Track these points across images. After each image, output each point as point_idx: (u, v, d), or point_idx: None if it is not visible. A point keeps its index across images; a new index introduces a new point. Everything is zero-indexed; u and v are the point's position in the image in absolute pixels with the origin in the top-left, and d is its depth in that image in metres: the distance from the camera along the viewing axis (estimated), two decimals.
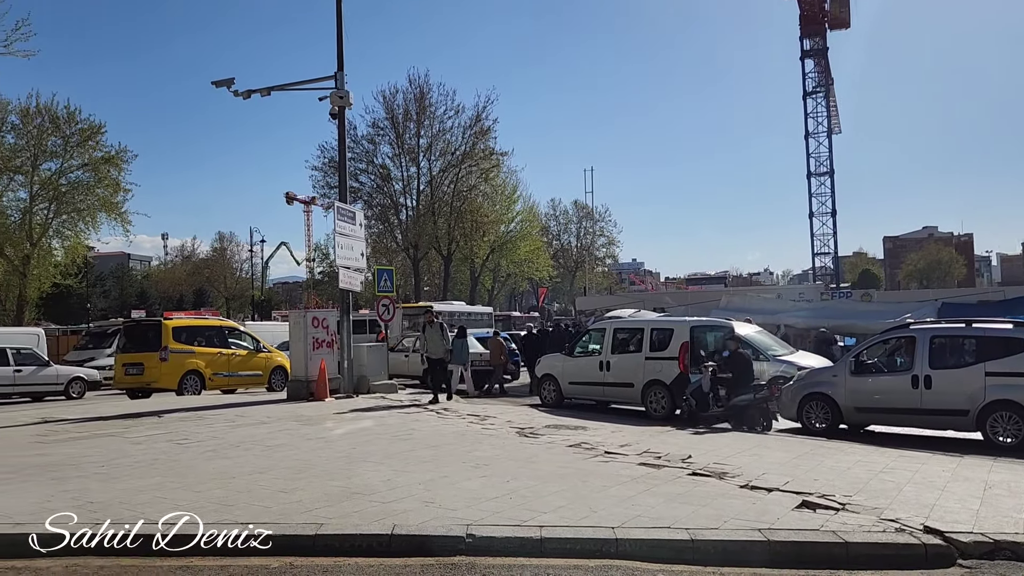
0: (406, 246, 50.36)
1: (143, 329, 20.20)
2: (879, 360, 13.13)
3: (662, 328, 15.24)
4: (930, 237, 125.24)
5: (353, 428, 12.08)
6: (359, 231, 18.34)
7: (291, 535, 5.85)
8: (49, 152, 37.41)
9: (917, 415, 12.10)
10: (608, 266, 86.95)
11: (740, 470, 8.50)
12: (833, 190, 71.00)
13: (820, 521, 6.33)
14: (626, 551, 5.71)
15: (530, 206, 61.11)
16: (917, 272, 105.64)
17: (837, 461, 9.36)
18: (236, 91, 17.98)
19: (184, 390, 18.75)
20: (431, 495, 7.09)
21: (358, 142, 48.36)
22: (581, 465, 8.82)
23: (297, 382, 16.99)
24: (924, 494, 7.43)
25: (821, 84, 71.73)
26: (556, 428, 12.20)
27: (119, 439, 10.93)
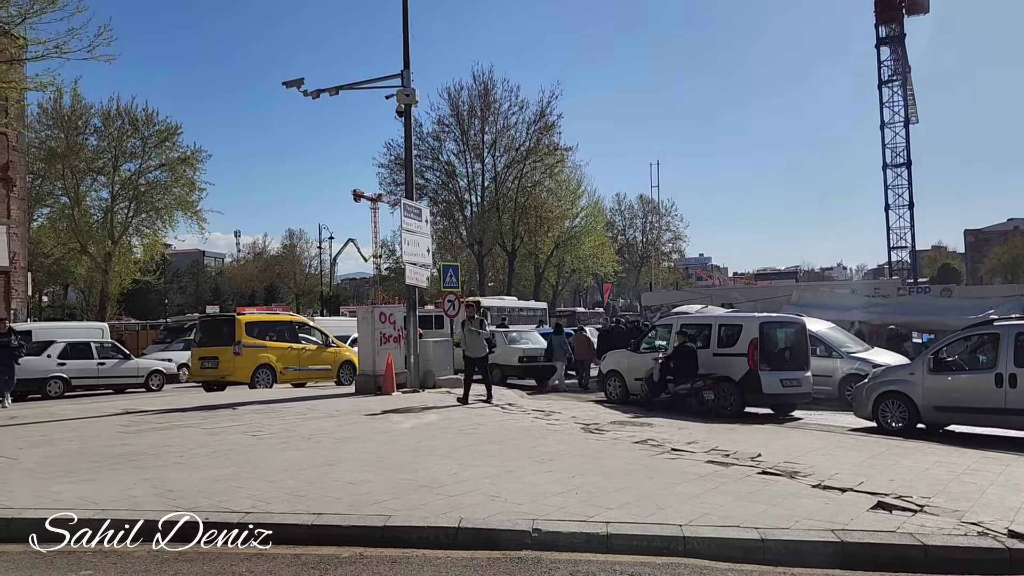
0: (471, 242, 50.71)
1: (217, 324, 20.81)
2: (960, 358, 12.63)
3: (730, 324, 14.97)
4: (1015, 230, 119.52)
5: (419, 422, 12.23)
6: (425, 227, 18.54)
7: (360, 526, 5.96)
8: (129, 153, 38.93)
9: (1001, 415, 11.59)
10: (674, 261, 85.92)
11: (812, 469, 8.30)
12: (910, 181, 68.40)
13: (897, 523, 6.13)
14: (694, 549, 5.64)
15: (595, 201, 60.78)
16: (1001, 266, 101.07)
17: (915, 461, 9.05)
18: (306, 91, 18.36)
19: (256, 383, 19.26)
20: (497, 489, 7.13)
21: (424, 139, 48.92)
22: (647, 462, 8.74)
23: (365, 376, 17.27)
24: (1009, 497, 7.13)
25: (897, 72, 69.15)
26: (621, 424, 12.13)
27: (196, 430, 11.31)
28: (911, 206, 68.80)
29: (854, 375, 15.55)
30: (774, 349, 14.50)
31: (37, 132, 36.57)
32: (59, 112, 37.10)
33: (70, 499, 6.69)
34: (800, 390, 14.37)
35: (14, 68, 19.75)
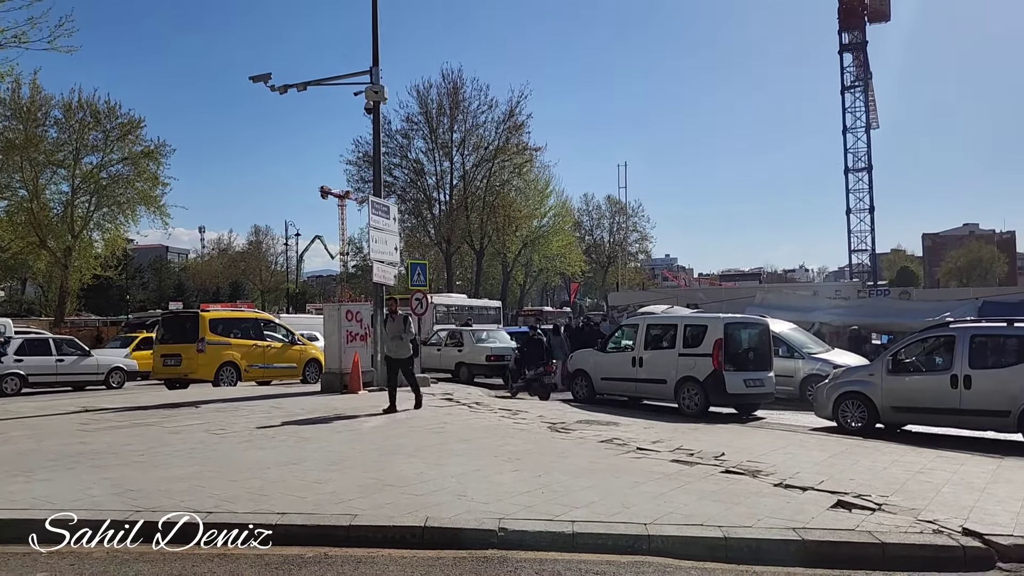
0: (439, 240, 50.59)
1: (181, 321, 20.54)
2: (917, 359, 12.90)
3: (696, 324, 15.13)
4: (971, 234, 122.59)
5: (385, 421, 12.18)
6: (393, 225, 18.44)
7: (325, 526, 5.92)
8: (90, 146, 38.19)
9: (956, 415, 11.88)
10: (641, 262, 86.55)
11: (774, 468, 8.43)
12: (871, 186, 69.82)
13: (856, 521, 6.25)
14: (659, 548, 5.70)
15: (563, 201, 61.08)
16: (957, 270, 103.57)
17: (873, 461, 9.24)
18: (273, 86, 18.16)
19: (220, 381, 19.03)
20: (463, 488, 7.13)
21: (392, 136, 48.68)
22: (613, 461, 8.81)
23: (331, 375, 17.16)
24: (963, 496, 7.31)
25: (859, 78, 70.51)
26: (588, 424, 12.20)
27: (158, 428, 11.15)
28: (872, 210, 70.21)
29: (815, 376, 15.81)
30: (738, 350, 14.68)
31: None
32: (17, 103, 36.21)
33: (25, 499, 6.56)
34: (763, 390, 14.59)
35: None
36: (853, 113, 70.37)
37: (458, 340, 23.27)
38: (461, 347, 22.90)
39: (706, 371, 14.19)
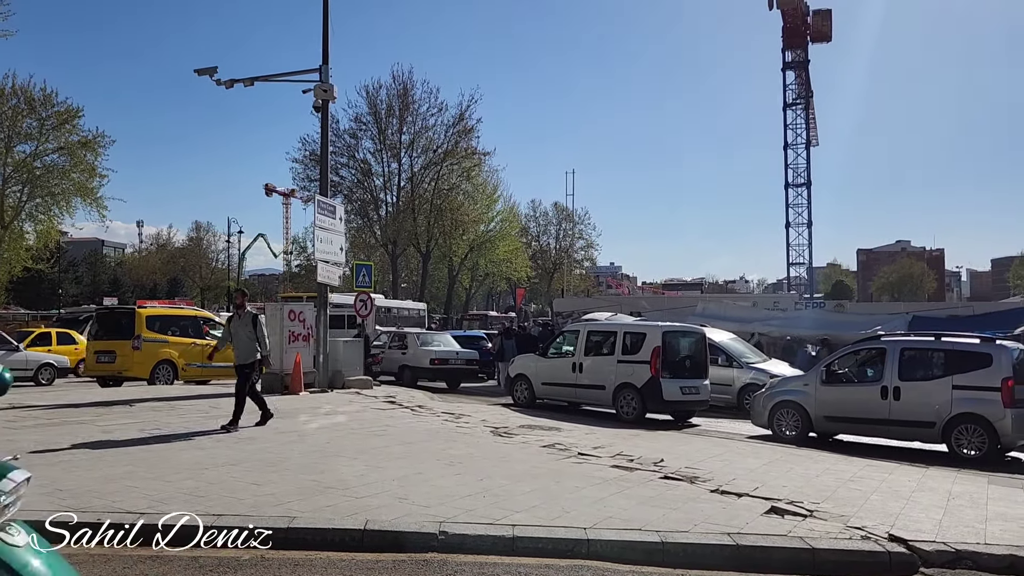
0: (385, 242, 50.24)
1: (116, 317, 19.96)
2: (850, 370, 13.32)
3: (635, 332, 15.35)
4: (903, 251, 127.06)
5: (327, 423, 12.05)
6: (339, 225, 18.27)
7: (263, 528, 5.83)
8: (24, 134, 36.81)
9: (885, 426, 12.30)
10: (586, 269, 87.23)
11: (711, 475, 8.60)
12: (810, 201, 71.80)
13: (788, 527, 6.43)
14: (597, 551, 5.77)
15: (510, 206, 61.22)
16: (889, 285, 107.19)
17: (806, 469, 9.49)
18: (219, 80, 17.83)
19: (156, 379, 18.54)
20: (405, 491, 7.10)
21: (340, 136, 48.26)
22: (554, 466, 8.87)
23: (271, 375, 16.84)
24: (890, 503, 7.57)
25: (801, 96, 72.45)
26: (530, 428, 12.25)
27: (89, 427, 10.82)
28: (810, 224, 72.17)
29: (753, 385, 16.18)
30: (675, 357, 14.94)
31: None
32: None
33: None
34: (698, 397, 14.87)
35: None
36: (794, 130, 72.30)
37: (402, 343, 23.13)
38: (405, 350, 22.76)
39: (644, 378, 14.40)
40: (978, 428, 11.38)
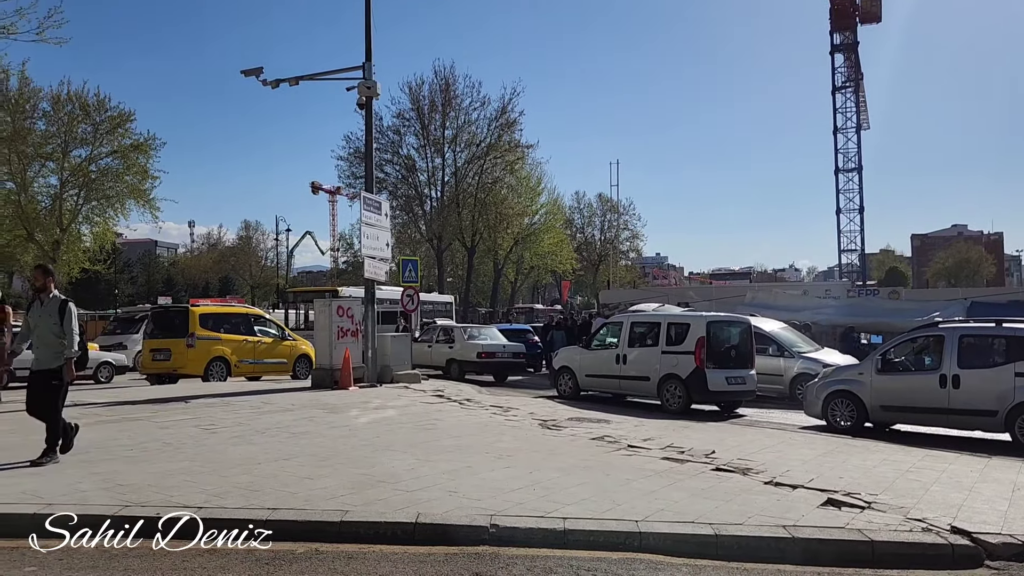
0: (430, 237, 50.48)
1: (171, 316, 20.41)
2: (906, 359, 12.99)
3: (679, 323, 15.20)
4: (959, 235, 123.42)
5: (377, 417, 12.16)
6: (385, 221, 18.41)
7: (316, 521, 5.91)
8: (79, 139, 37.80)
9: (944, 415, 11.96)
10: (631, 260, 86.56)
11: (764, 466, 8.46)
12: (861, 187, 70.18)
13: (846, 519, 6.28)
14: (649, 544, 5.71)
15: (554, 199, 60.94)
16: (945, 271, 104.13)
17: (863, 459, 9.28)
18: (265, 80, 18.09)
19: (210, 376, 18.94)
20: (455, 485, 7.12)
21: (384, 133, 48.52)
22: (604, 458, 8.82)
23: (321, 371, 17.12)
24: (951, 494, 7.36)
25: (850, 79, 70.80)
26: (578, 421, 12.21)
27: (147, 423, 11.09)
28: (861, 210, 70.56)
29: (805, 374, 15.89)
30: (720, 348, 14.78)
31: None
32: (5, 95, 35.83)
33: (13, 493, 6.51)
34: (744, 388, 14.67)
35: None
36: (844, 113, 70.70)
37: (449, 337, 23.26)
38: (452, 344, 22.89)
39: (688, 369, 14.26)
40: None
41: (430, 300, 37.08)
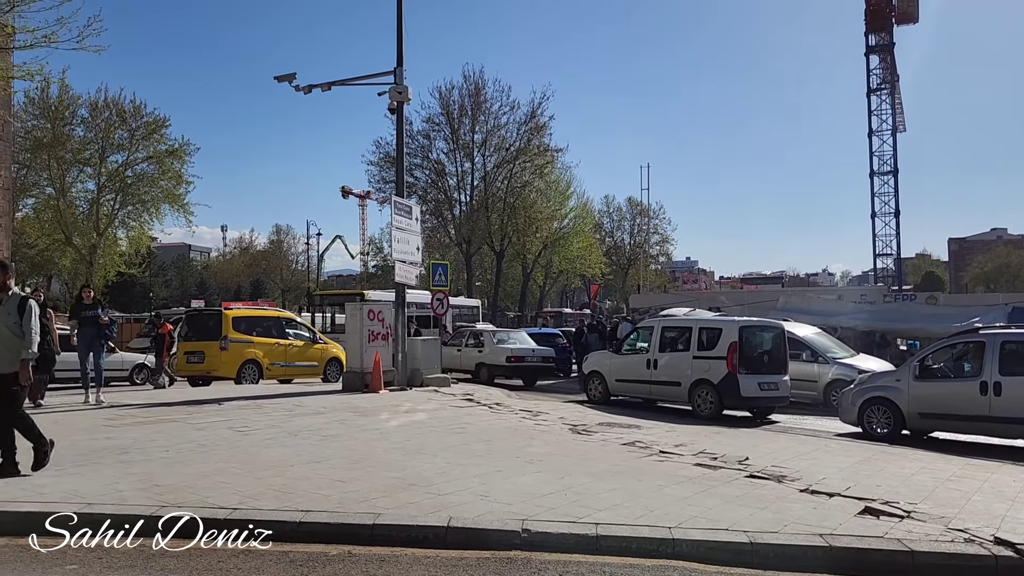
0: (459, 241, 50.62)
1: (204, 318, 20.67)
2: (945, 365, 12.74)
3: (711, 327, 15.07)
4: (999, 239, 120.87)
5: (407, 420, 12.19)
6: (415, 225, 18.49)
7: (349, 524, 5.93)
8: (116, 145, 38.57)
9: (985, 423, 11.70)
10: (661, 264, 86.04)
11: (799, 474, 8.33)
12: (897, 190, 69.00)
13: (884, 528, 6.16)
14: (683, 552, 5.65)
15: (583, 202, 60.80)
16: (984, 275, 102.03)
17: (900, 467, 9.11)
18: (297, 86, 18.25)
19: (243, 379, 19.13)
20: (486, 488, 7.11)
21: (413, 137, 48.77)
22: (636, 463, 8.75)
23: (352, 374, 17.20)
24: (994, 504, 7.19)
25: (886, 81, 69.71)
26: (609, 426, 12.14)
27: (182, 425, 11.22)
28: (897, 214, 69.44)
29: (840, 380, 15.66)
30: (753, 353, 14.62)
31: (23, 122, 36.11)
32: (46, 102, 36.69)
33: (55, 492, 6.61)
34: (777, 394, 14.49)
35: (1, 56, 19.51)
36: (879, 116, 69.63)
37: (478, 341, 23.29)
38: (482, 348, 22.93)
39: (720, 374, 14.13)
40: None
41: (456, 304, 37.13)
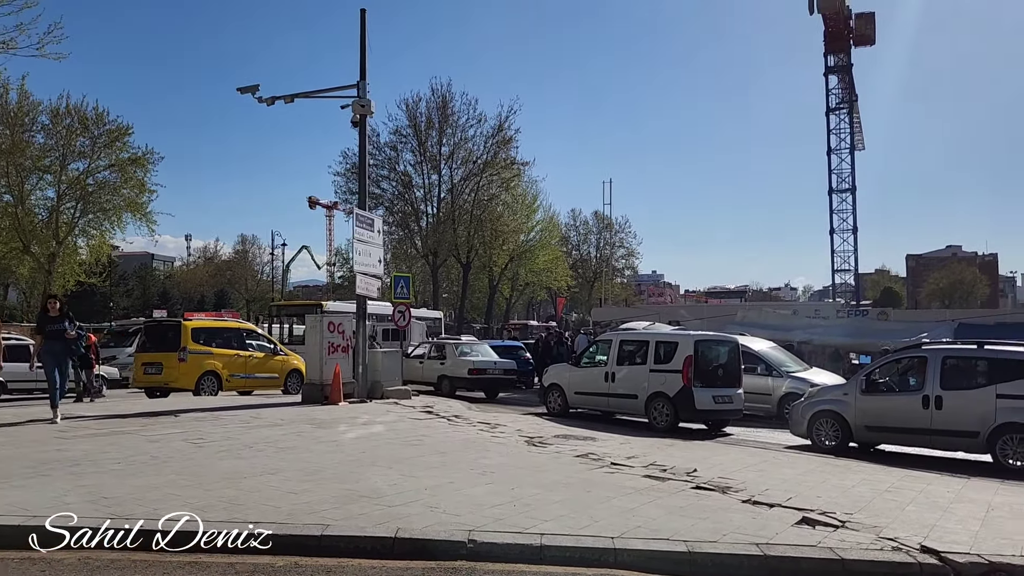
0: (425, 253, 50.64)
1: (163, 329, 20.50)
2: (890, 379, 13.14)
3: (667, 341, 15.36)
4: (954, 256, 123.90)
5: (364, 433, 12.24)
6: (377, 238, 18.55)
7: (297, 535, 6.00)
8: (77, 152, 38.00)
9: (927, 435, 12.10)
10: (627, 278, 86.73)
11: (744, 485, 8.56)
12: (855, 207, 70.45)
13: (818, 537, 6.39)
14: (624, 561, 5.80)
15: (550, 216, 61.24)
16: (939, 291, 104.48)
17: (842, 479, 9.39)
18: (260, 97, 18.26)
19: (201, 391, 18.99)
20: (436, 500, 7.22)
21: (380, 149, 48.84)
22: (587, 475, 8.92)
23: (311, 386, 17.18)
24: (926, 514, 7.47)
25: (844, 100, 71.29)
26: (565, 438, 12.30)
27: (136, 437, 11.15)
28: (855, 230, 70.84)
29: (793, 394, 16.02)
30: (708, 366, 14.92)
31: None
32: (5, 108, 36.06)
33: (0, 505, 6.59)
34: (732, 407, 14.80)
35: None
36: (838, 135, 71.13)
37: (441, 353, 23.36)
38: (444, 360, 22.99)
39: (676, 387, 14.39)
40: None
41: (418, 316, 37.16)
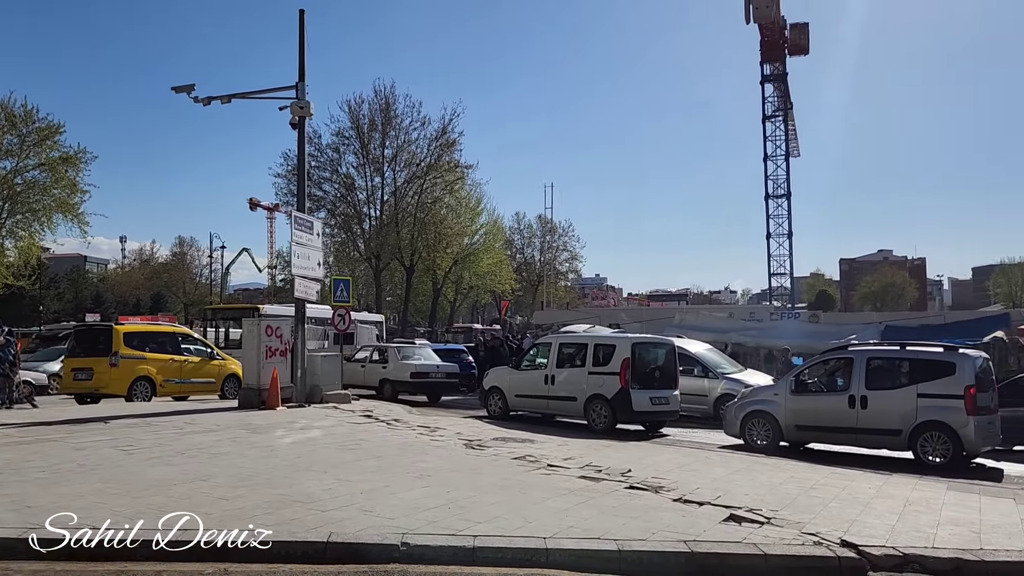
0: (368, 256, 50.27)
1: (94, 334, 19.93)
2: (819, 380, 13.56)
3: (606, 344, 15.57)
4: (884, 260, 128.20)
5: (301, 437, 12.12)
6: (316, 241, 18.37)
7: (226, 541, 5.92)
8: (4, 150, 36.73)
9: (853, 434, 12.53)
10: (571, 281, 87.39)
11: (676, 484, 8.75)
12: (790, 212, 72.25)
13: (744, 534, 6.58)
14: (555, 560, 5.89)
15: (494, 219, 61.29)
16: (871, 294, 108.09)
17: (771, 477, 9.67)
18: (196, 97, 17.92)
19: (134, 396, 18.52)
20: (371, 504, 7.21)
21: (322, 151, 48.34)
22: (523, 477, 9.00)
23: (249, 390, 16.91)
24: (847, 510, 7.75)
25: (780, 108, 73.08)
26: (504, 441, 12.37)
27: (63, 444, 10.84)
28: (790, 235, 72.59)
29: (728, 395, 16.39)
30: (645, 368, 15.18)
31: None
32: None
33: None
34: (668, 408, 15.08)
35: None
36: (773, 141, 72.84)
37: (383, 357, 23.20)
38: (386, 364, 22.83)
39: (614, 389, 14.60)
40: (942, 435, 11.64)
41: (359, 319, 36.91)
